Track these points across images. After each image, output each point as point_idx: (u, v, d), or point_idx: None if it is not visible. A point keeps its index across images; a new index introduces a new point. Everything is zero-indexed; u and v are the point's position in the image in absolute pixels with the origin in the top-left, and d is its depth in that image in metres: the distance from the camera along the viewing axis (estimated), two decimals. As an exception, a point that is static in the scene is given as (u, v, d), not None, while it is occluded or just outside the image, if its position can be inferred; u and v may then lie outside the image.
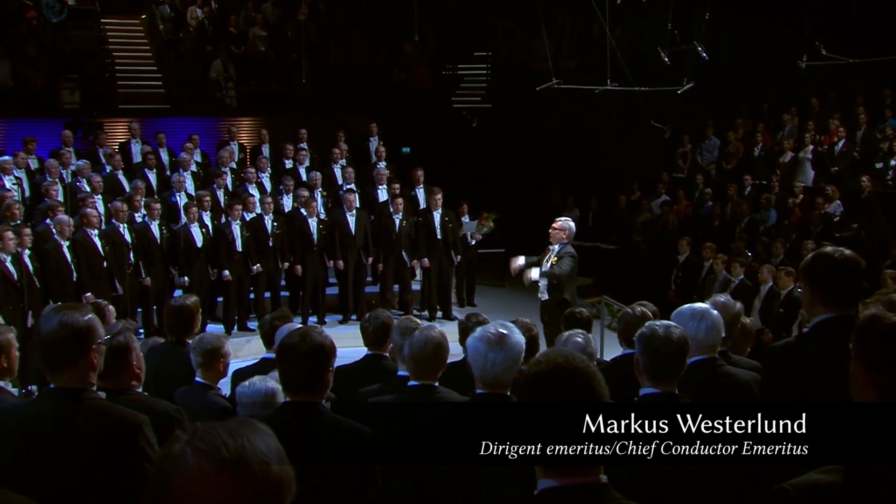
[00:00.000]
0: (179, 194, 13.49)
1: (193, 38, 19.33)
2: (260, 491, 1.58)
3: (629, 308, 5.71)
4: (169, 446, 1.61)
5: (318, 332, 3.63)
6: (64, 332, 3.09)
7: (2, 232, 10.37)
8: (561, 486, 2.24)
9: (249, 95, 18.92)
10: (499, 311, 11.84)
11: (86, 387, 3.16)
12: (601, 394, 2.30)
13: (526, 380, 2.35)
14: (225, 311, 12.98)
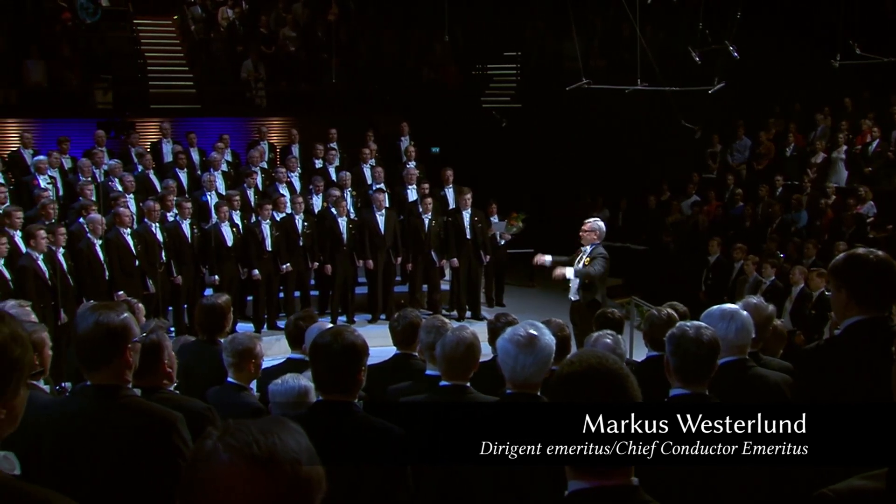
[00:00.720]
0: (210, 194, 13.58)
1: (224, 38, 19.45)
2: (290, 488, 1.59)
3: (655, 310, 5.69)
4: (201, 442, 1.62)
5: (351, 332, 3.64)
6: (100, 332, 3.12)
7: (34, 231, 10.51)
8: (591, 487, 2.23)
9: (280, 95, 19.00)
10: (528, 311, 11.82)
11: (121, 384, 3.19)
12: (633, 395, 2.29)
13: (558, 380, 2.35)
14: (255, 310, 13.06)
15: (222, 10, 19.81)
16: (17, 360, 1.96)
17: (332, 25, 19.49)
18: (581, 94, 15.48)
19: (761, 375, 4.36)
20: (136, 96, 18.06)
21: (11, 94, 17.07)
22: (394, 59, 20.07)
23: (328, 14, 19.84)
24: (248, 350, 5.06)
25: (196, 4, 19.95)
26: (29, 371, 2.02)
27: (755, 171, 16.87)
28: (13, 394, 1.98)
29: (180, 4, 20.16)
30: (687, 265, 14.76)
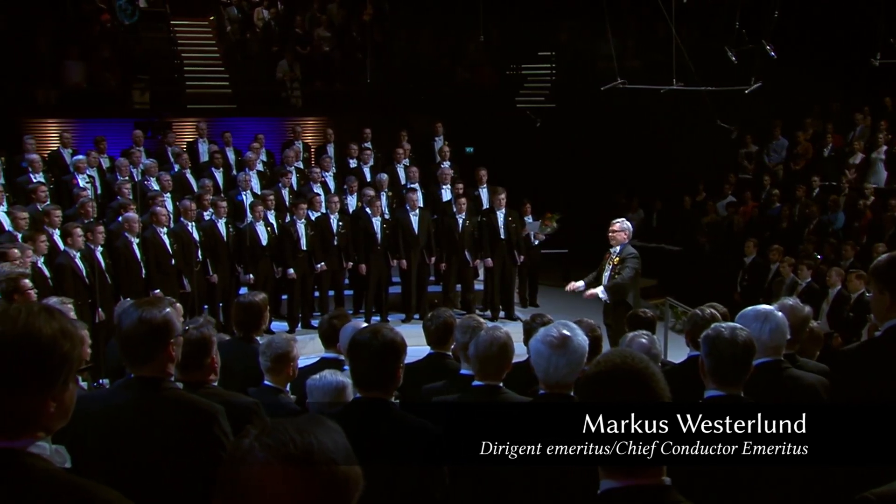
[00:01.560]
0: (245, 193, 13.67)
1: (260, 38, 19.57)
2: (326, 488, 1.60)
3: (698, 309, 5.61)
4: (239, 441, 1.64)
5: (389, 329, 3.68)
6: (143, 328, 3.19)
7: (71, 229, 10.64)
8: (623, 486, 2.23)
9: (314, 95, 19.08)
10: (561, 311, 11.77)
11: (164, 377, 3.26)
12: (661, 394, 2.27)
13: (585, 380, 2.36)
14: (289, 309, 13.14)
15: (258, 10, 19.96)
16: (66, 355, 2.01)
17: (366, 25, 19.55)
18: (616, 94, 15.41)
19: (796, 377, 4.32)
20: (173, 96, 18.24)
21: (52, 95, 17.29)
22: (428, 59, 20.09)
23: (363, 14, 19.91)
24: (285, 354, 5.08)
25: (232, 5, 20.10)
26: (78, 365, 2.08)
27: (792, 171, 16.70)
28: (63, 388, 2.03)
29: (217, 5, 20.31)
30: (722, 266, 14.64)
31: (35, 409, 2.00)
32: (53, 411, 2.02)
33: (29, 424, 2.00)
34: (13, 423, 1.98)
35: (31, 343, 1.96)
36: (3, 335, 1.96)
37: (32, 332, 1.97)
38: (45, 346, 1.97)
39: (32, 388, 1.97)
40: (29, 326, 1.97)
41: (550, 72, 21.26)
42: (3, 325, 1.97)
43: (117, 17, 18.67)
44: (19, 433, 1.99)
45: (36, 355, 1.97)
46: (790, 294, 10.80)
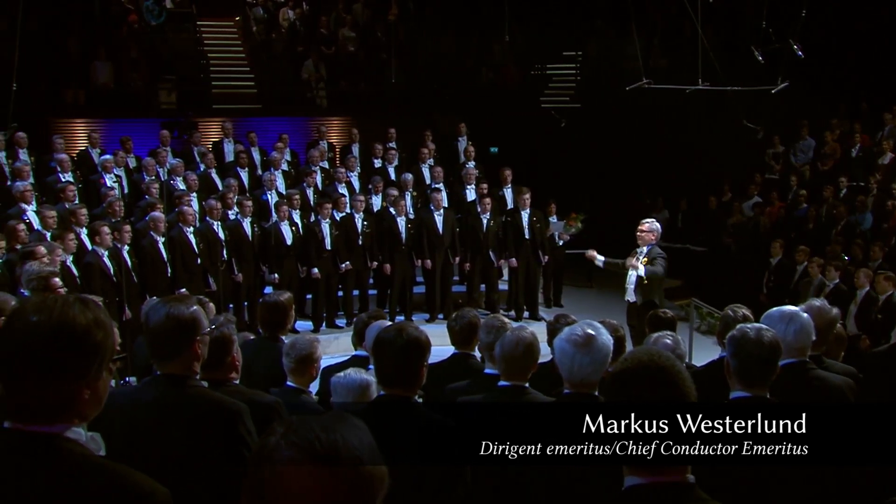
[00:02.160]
0: (270, 192, 13.73)
1: (285, 39, 19.67)
2: (352, 486, 1.60)
3: (729, 309, 5.56)
4: (265, 438, 1.65)
5: (414, 327, 3.70)
6: (170, 324, 3.22)
7: (98, 227, 10.73)
8: (646, 483, 2.23)
9: (339, 95, 19.15)
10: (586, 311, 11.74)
11: (190, 374, 3.29)
12: (687, 392, 2.27)
13: (611, 378, 2.36)
14: (314, 309, 13.17)
15: (283, 11, 20.05)
16: (99, 344, 2.09)
17: (391, 26, 19.59)
18: (641, 94, 15.34)
19: (822, 378, 4.29)
20: (199, 96, 18.35)
21: (80, 95, 17.44)
22: (453, 59, 20.10)
23: (388, 14, 19.97)
24: (309, 356, 5.10)
25: (258, 5, 20.21)
26: (111, 355, 2.15)
27: (819, 171, 16.57)
28: (96, 376, 2.11)
29: (242, 6, 20.43)
30: (748, 267, 14.55)
31: (70, 396, 2.07)
32: (88, 398, 2.10)
33: (64, 411, 2.08)
34: (49, 409, 2.06)
35: (66, 332, 2.04)
36: (40, 324, 2.04)
37: (67, 322, 2.05)
38: (80, 335, 2.05)
39: (67, 375, 2.05)
40: (64, 316, 2.05)
41: (575, 72, 21.23)
42: (39, 314, 2.05)
43: (144, 17, 18.84)
44: (55, 419, 2.07)
45: (71, 344, 2.04)
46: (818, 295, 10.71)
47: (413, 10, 20.85)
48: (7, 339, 2.08)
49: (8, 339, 2.07)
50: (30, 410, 2.06)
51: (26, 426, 2.06)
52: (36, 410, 2.05)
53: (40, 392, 2.04)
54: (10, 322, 2.10)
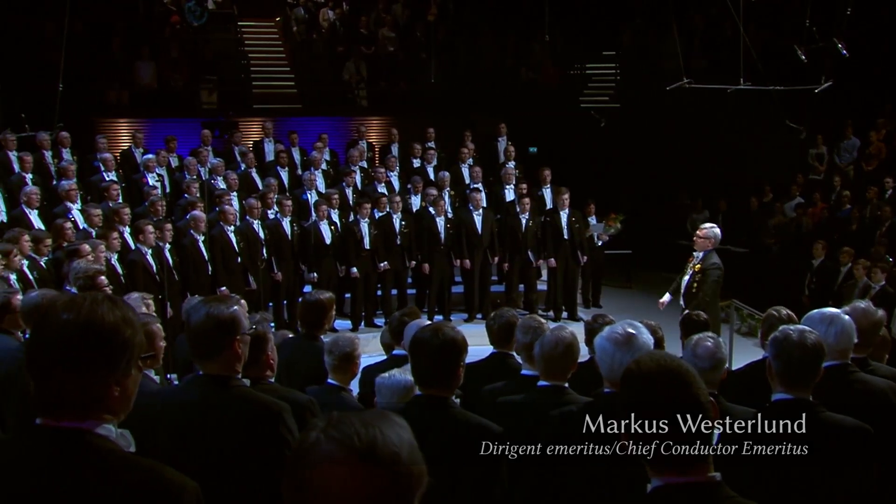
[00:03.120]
0: (310, 192, 13.81)
1: (325, 39, 19.77)
2: (390, 482, 1.62)
3: (774, 311, 5.50)
4: (306, 434, 1.67)
5: (451, 328, 3.70)
6: (210, 323, 3.25)
7: (142, 226, 10.86)
8: (672, 483, 2.24)
9: (379, 95, 19.21)
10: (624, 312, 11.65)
11: (231, 375, 3.31)
12: (698, 393, 2.27)
13: (624, 380, 2.36)
14: (352, 308, 13.22)
15: (323, 11, 20.15)
16: (128, 341, 2.13)
17: (431, 26, 19.62)
18: (681, 94, 15.22)
19: (865, 381, 4.23)
20: (240, 96, 18.49)
21: (124, 96, 17.66)
22: (492, 59, 20.08)
23: (427, 14, 19.99)
24: (350, 354, 5.12)
25: (298, 6, 20.33)
26: (139, 352, 2.19)
27: (864, 172, 16.34)
28: (125, 373, 2.15)
29: (283, 6, 20.56)
30: (790, 269, 14.38)
31: (99, 393, 2.11)
32: (117, 395, 2.14)
33: (94, 407, 2.11)
34: (80, 406, 2.10)
35: (95, 329, 2.08)
36: (69, 322, 2.08)
37: (96, 319, 2.09)
38: (108, 332, 2.09)
39: (97, 372, 2.09)
40: (92, 314, 2.09)
41: (615, 71, 21.12)
42: (69, 312, 2.09)
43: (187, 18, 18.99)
44: (86, 415, 2.10)
45: (99, 341, 2.08)
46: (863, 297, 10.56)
47: (452, 10, 20.87)
48: (38, 336, 2.13)
49: (39, 336, 2.13)
50: (60, 407, 2.09)
51: (58, 422, 2.09)
52: (66, 407, 2.09)
53: (70, 388, 2.08)
54: (42, 320, 2.15)
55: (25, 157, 12.99)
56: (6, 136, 13.31)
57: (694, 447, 2.24)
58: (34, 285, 8.94)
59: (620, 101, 20.12)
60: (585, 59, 21.05)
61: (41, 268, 9.52)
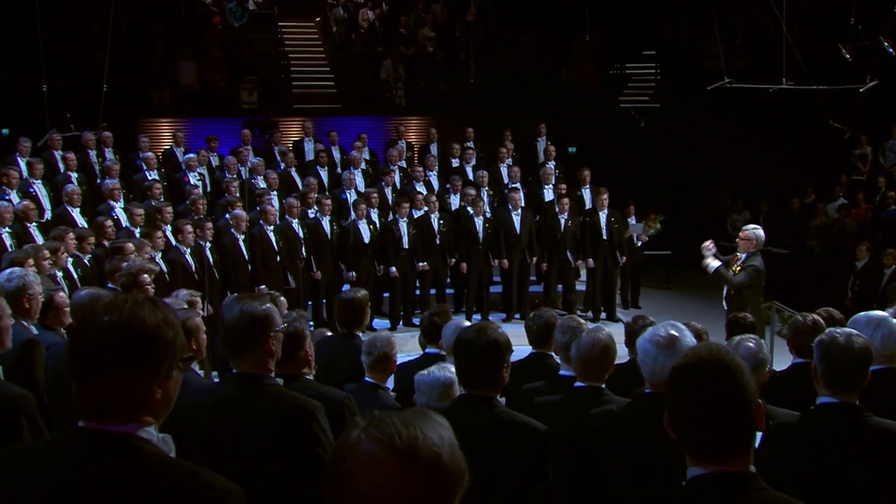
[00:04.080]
0: (349, 191, 13.86)
1: (364, 39, 19.84)
2: (430, 481, 1.61)
3: (800, 316, 5.49)
4: (347, 432, 1.67)
5: (495, 328, 3.69)
6: (244, 320, 3.25)
7: (181, 225, 10.97)
8: (709, 473, 2.27)
9: (418, 95, 19.25)
10: (664, 313, 11.62)
11: (265, 373, 3.32)
12: (746, 387, 2.29)
13: (672, 373, 2.39)
14: (391, 307, 13.25)
15: (363, 11, 20.24)
16: (169, 343, 2.11)
17: (470, 26, 19.62)
18: (722, 94, 15.07)
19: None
20: (280, 96, 18.61)
21: (166, 96, 17.84)
22: (531, 59, 20.03)
23: (467, 14, 19.99)
24: (387, 353, 5.14)
25: (338, 6, 20.42)
26: (181, 354, 2.17)
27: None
28: (167, 375, 2.13)
29: (323, 7, 20.67)
30: (832, 270, 14.21)
31: (142, 395, 2.09)
32: (159, 397, 2.12)
33: (137, 409, 2.10)
34: (122, 408, 2.08)
35: (137, 331, 2.07)
36: (111, 324, 2.06)
37: (137, 321, 2.07)
38: (150, 334, 2.08)
39: (139, 374, 2.08)
40: (134, 316, 2.08)
41: (655, 71, 20.97)
42: (110, 314, 2.08)
43: (228, 19, 19.19)
44: (128, 418, 2.09)
45: (141, 342, 2.07)
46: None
47: (492, 9, 20.85)
48: (79, 339, 2.11)
49: (80, 339, 2.11)
50: (103, 409, 2.08)
51: (101, 425, 2.08)
52: (109, 409, 2.07)
53: (113, 391, 2.06)
54: (82, 322, 2.14)
55: (69, 156, 13.20)
56: (52, 135, 13.51)
57: (736, 438, 2.27)
58: (78, 282, 9.09)
59: (660, 100, 19.98)
60: (625, 58, 20.93)
61: (85, 265, 9.68)
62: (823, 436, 3.35)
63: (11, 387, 3.75)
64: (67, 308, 5.86)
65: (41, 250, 8.23)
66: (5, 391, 3.66)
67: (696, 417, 2.29)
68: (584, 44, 19.42)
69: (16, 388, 3.74)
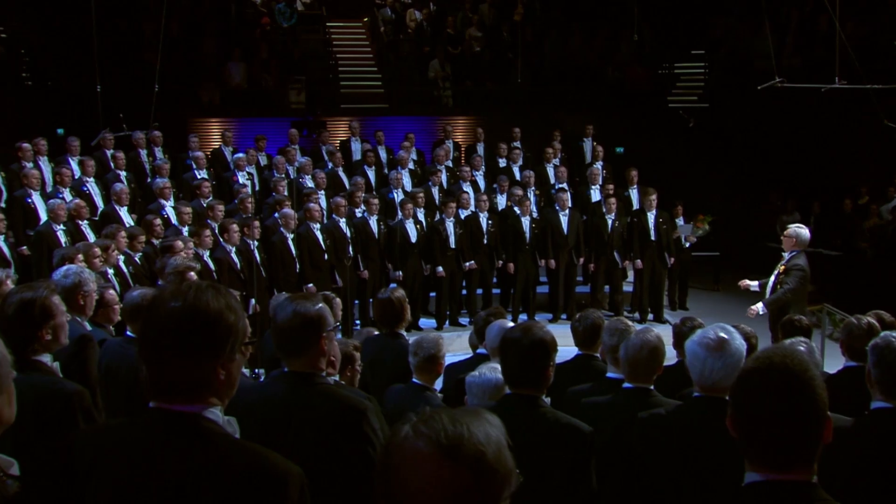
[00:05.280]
0: (396, 191, 13.90)
1: (412, 39, 19.89)
2: (474, 479, 1.61)
3: (854, 318, 5.39)
4: (397, 427, 1.68)
5: (540, 327, 3.69)
6: (297, 320, 3.28)
7: (227, 224, 11.06)
8: (768, 480, 2.20)
9: (465, 95, 19.25)
10: (711, 315, 11.51)
11: (316, 372, 3.35)
12: (817, 400, 2.20)
13: (740, 375, 2.31)
14: (437, 307, 13.27)
15: (410, 11, 20.29)
16: (232, 326, 2.24)
17: (517, 25, 19.59)
18: (773, 93, 14.88)
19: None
20: (328, 96, 18.71)
21: (216, 96, 18.03)
22: (579, 59, 19.95)
23: (514, 14, 19.95)
24: (434, 355, 5.14)
25: (386, 6, 20.49)
26: (243, 337, 2.29)
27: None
28: (230, 357, 2.25)
29: (371, 7, 20.76)
30: (885, 273, 13.96)
31: (207, 376, 2.22)
32: (223, 379, 2.24)
33: (202, 390, 2.23)
34: (189, 389, 2.21)
35: (201, 315, 2.19)
36: (176, 309, 2.20)
37: (200, 306, 2.20)
38: (213, 318, 2.20)
39: (204, 355, 2.20)
40: (198, 300, 2.21)
41: (704, 70, 20.77)
42: (175, 300, 2.21)
43: (276, 20, 19.35)
44: (194, 398, 2.22)
45: (205, 326, 2.19)
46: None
47: (539, 9, 20.79)
48: (149, 324, 2.24)
49: (150, 324, 2.23)
50: (172, 390, 2.20)
51: (171, 405, 2.21)
52: (178, 390, 2.20)
53: (180, 372, 2.19)
54: (151, 309, 2.26)
55: (118, 154, 13.39)
56: (105, 135, 13.74)
57: (802, 449, 2.20)
58: (129, 280, 9.22)
59: (709, 100, 19.79)
60: (674, 57, 20.75)
61: (136, 263, 9.81)
62: (878, 441, 3.29)
63: (67, 383, 3.83)
64: (117, 305, 5.94)
65: (92, 247, 8.36)
66: (62, 387, 3.74)
67: (761, 425, 2.21)
68: (632, 43, 19.30)
69: (72, 384, 3.81)
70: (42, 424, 3.57)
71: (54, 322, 3.86)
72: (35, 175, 12.09)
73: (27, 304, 3.80)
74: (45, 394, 3.66)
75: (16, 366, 3.68)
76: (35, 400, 3.59)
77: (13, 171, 12.65)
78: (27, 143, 12.88)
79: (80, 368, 4.76)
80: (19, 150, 12.78)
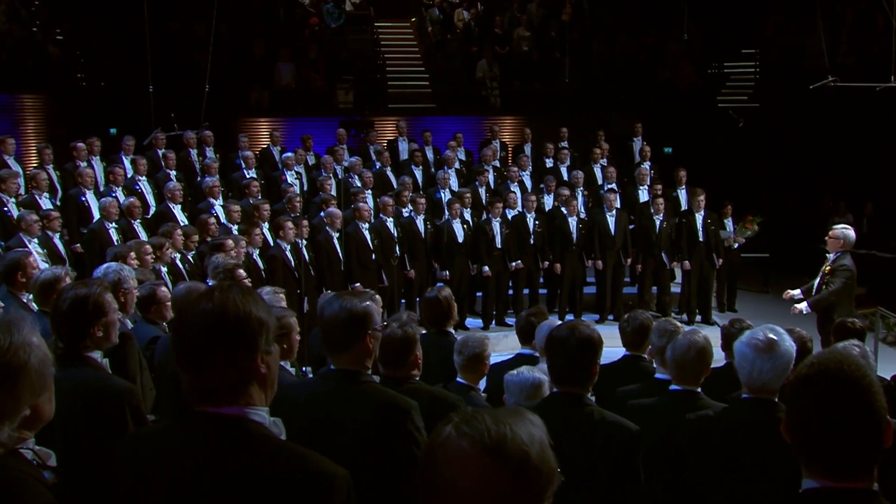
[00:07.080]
0: (444, 191, 13.92)
1: (460, 39, 19.90)
2: (517, 479, 1.62)
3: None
4: (440, 428, 1.69)
5: (587, 326, 3.70)
6: (343, 316, 3.31)
7: (282, 223, 11.16)
8: (827, 488, 2.14)
9: (513, 94, 19.21)
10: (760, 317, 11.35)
11: (362, 370, 3.37)
12: (876, 406, 2.12)
13: (794, 379, 2.24)
14: (484, 307, 13.27)
15: (458, 11, 20.31)
16: (262, 320, 2.25)
17: (565, 25, 19.51)
18: (825, 93, 14.66)
19: None
20: (376, 96, 18.79)
21: (264, 96, 18.19)
22: (627, 58, 19.82)
23: (562, 14, 19.89)
24: (479, 354, 5.14)
25: (434, 6, 20.53)
26: (275, 331, 2.31)
27: None
28: (266, 350, 2.26)
29: (419, 7, 20.81)
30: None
31: (246, 372, 2.22)
32: (265, 372, 2.25)
33: (244, 388, 2.23)
34: (229, 389, 2.21)
35: (229, 314, 2.20)
36: (205, 311, 2.21)
37: (228, 306, 2.21)
38: (242, 315, 2.20)
39: (239, 352, 2.20)
40: (225, 300, 2.22)
41: (754, 69, 20.50)
42: (203, 303, 2.22)
43: (325, 20, 19.48)
44: (236, 398, 2.22)
45: (236, 323, 2.20)
46: None
47: (587, 9, 20.69)
48: (180, 328, 2.26)
49: (180, 328, 2.26)
50: (211, 393, 2.21)
51: (214, 408, 2.20)
52: (217, 392, 2.20)
53: (217, 373, 2.19)
54: (181, 314, 2.30)
55: (169, 154, 13.57)
56: (157, 135, 13.95)
57: (860, 457, 2.13)
58: (186, 278, 9.34)
59: (760, 100, 19.54)
60: (723, 57, 20.51)
61: (190, 261, 9.95)
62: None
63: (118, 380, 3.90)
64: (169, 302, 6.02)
65: (143, 245, 8.49)
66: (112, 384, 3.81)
67: (817, 432, 2.14)
68: (681, 42, 19.13)
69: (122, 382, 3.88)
70: (92, 420, 3.64)
71: (106, 319, 3.93)
72: (89, 174, 12.36)
73: (81, 301, 3.87)
74: (96, 390, 3.72)
75: (67, 361, 3.78)
76: (85, 395, 3.66)
77: (68, 171, 12.95)
78: (81, 143, 13.16)
79: (119, 366, 4.83)
80: (74, 150, 13.08)
